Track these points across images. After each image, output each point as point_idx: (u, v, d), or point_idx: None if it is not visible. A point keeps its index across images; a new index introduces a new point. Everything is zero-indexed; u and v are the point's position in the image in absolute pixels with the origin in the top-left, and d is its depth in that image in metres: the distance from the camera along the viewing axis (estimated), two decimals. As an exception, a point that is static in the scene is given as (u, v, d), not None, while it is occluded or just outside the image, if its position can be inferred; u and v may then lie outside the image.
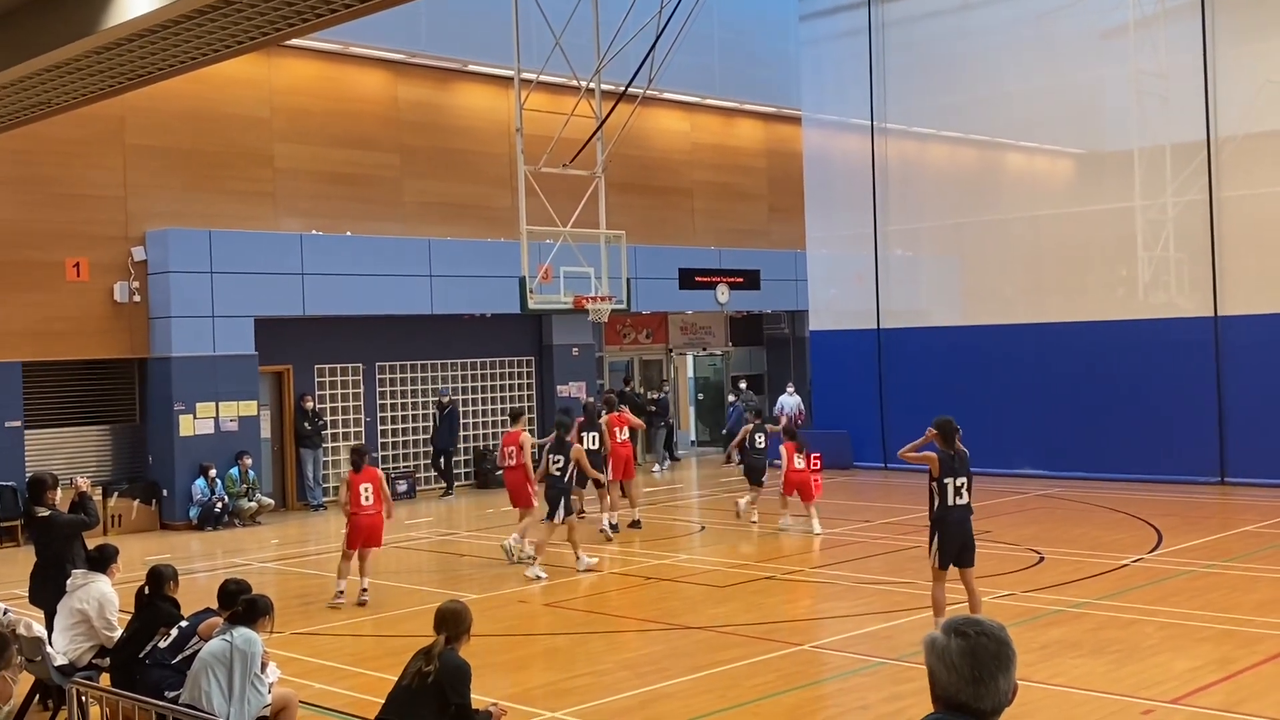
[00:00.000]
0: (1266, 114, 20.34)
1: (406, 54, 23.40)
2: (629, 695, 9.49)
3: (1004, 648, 3.19)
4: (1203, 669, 9.62)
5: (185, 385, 20.06)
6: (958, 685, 3.17)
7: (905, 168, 25.05)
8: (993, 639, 3.19)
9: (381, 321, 22.88)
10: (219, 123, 21.31)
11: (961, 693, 3.17)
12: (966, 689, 3.16)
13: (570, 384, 25.69)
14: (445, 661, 6.81)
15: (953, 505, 10.67)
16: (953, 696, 3.19)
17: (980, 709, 3.17)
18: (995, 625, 3.24)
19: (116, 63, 10.90)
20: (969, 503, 10.74)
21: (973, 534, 10.85)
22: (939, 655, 3.22)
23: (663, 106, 27.65)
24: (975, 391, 23.02)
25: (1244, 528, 16.32)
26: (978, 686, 3.16)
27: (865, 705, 9.23)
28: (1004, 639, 3.21)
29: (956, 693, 3.18)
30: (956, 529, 10.67)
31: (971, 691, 3.16)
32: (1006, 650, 3.19)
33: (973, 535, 10.85)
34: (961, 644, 3.18)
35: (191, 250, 20.17)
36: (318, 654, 11.14)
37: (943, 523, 10.70)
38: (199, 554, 17.63)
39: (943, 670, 3.20)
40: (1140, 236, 21.65)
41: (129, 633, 8.68)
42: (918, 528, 17.02)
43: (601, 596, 13.48)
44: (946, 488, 10.65)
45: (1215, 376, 20.60)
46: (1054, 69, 22.74)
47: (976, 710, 3.17)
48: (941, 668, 3.21)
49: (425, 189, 23.97)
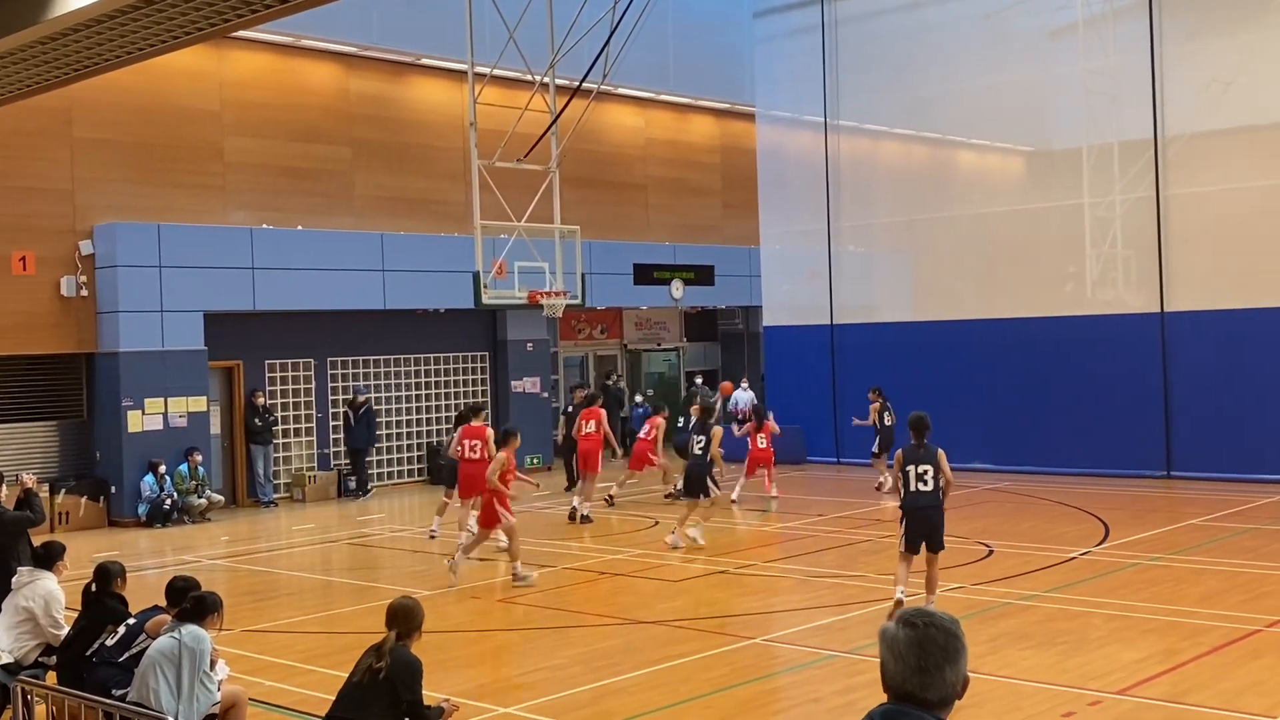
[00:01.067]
0: (1213, 113, 20.62)
1: (358, 47, 23.23)
2: (582, 690, 9.49)
3: (952, 640, 3.20)
4: (1149, 660, 9.75)
5: (134, 381, 19.83)
6: (905, 675, 3.19)
7: (858, 164, 25.20)
8: (941, 631, 3.21)
9: (333, 316, 22.72)
10: (168, 115, 21.07)
11: (908, 682, 3.19)
12: (913, 679, 3.18)
13: (525, 379, 25.64)
14: (396, 658, 6.77)
15: (915, 491, 11.24)
16: (900, 686, 3.20)
17: (927, 699, 3.18)
18: (946, 618, 3.25)
19: (61, 54, 10.74)
20: (934, 490, 11.22)
21: (941, 522, 11.30)
22: (889, 645, 3.24)
23: (617, 102, 27.65)
24: (926, 386, 23.15)
25: (1189, 521, 16.56)
26: (924, 677, 3.17)
27: (817, 698, 9.29)
28: (953, 631, 3.22)
29: (904, 682, 3.19)
30: (920, 514, 11.18)
31: (918, 681, 3.18)
32: (955, 643, 3.21)
33: (941, 523, 11.29)
34: (910, 634, 3.20)
35: (140, 244, 19.93)
36: (268, 651, 11.05)
37: (908, 509, 11.28)
38: (148, 551, 17.44)
39: (891, 660, 3.22)
40: (1088, 233, 21.90)
41: (76, 630, 8.58)
42: (869, 521, 17.16)
43: (555, 592, 13.47)
44: (909, 475, 11.27)
45: (1161, 372, 20.89)
46: (1004, 67, 22.94)
47: (923, 700, 3.18)
48: (890, 657, 3.23)
49: (378, 183, 23.82)
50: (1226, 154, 20.56)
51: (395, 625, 6.91)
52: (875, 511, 18.11)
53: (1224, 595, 11.94)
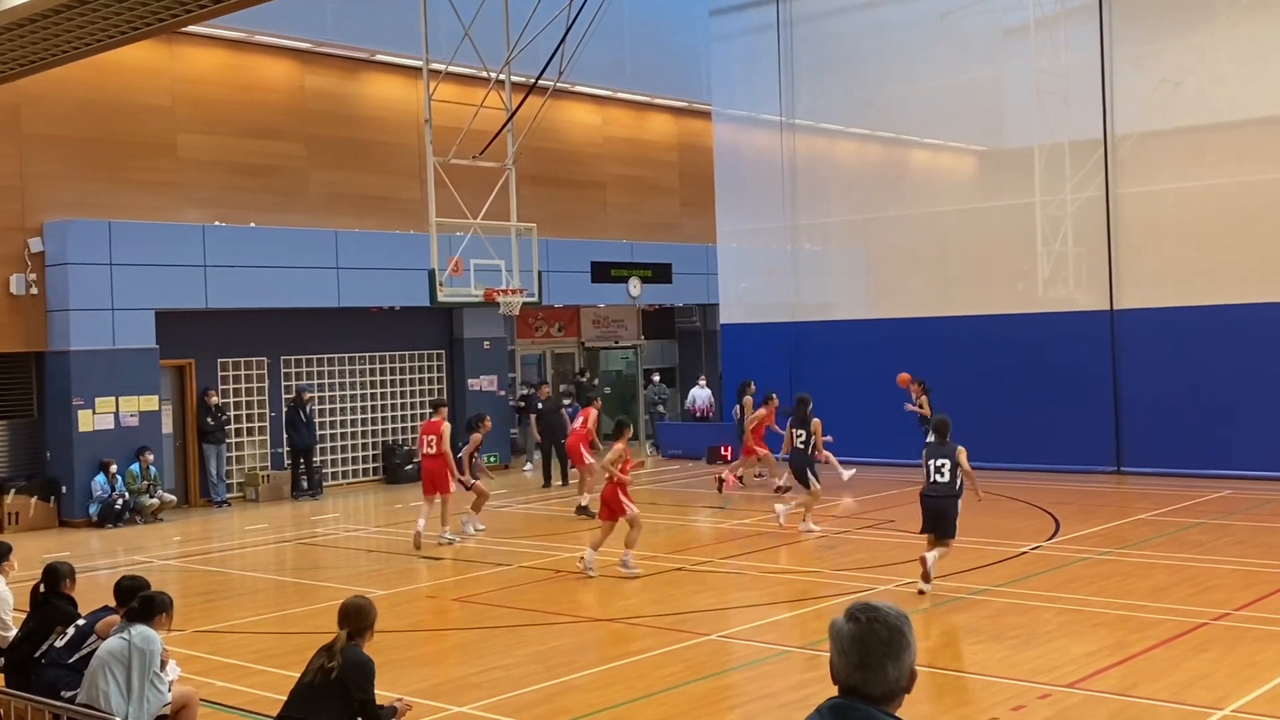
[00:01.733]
0: (1161, 113, 20.89)
1: (313, 43, 23.09)
2: (537, 688, 9.49)
3: (896, 635, 3.16)
4: (1098, 653, 9.87)
5: (84, 380, 19.61)
6: (848, 670, 3.18)
7: (814, 163, 25.32)
8: (885, 626, 3.17)
9: (287, 314, 22.55)
10: (119, 112, 20.85)
11: (851, 677, 3.17)
12: (856, 674, 3.16)
13: (482, 378, 25.58)
14: (348, 657, 6.75)
15: (933, 482, 12.46)
16: (844, 681, 3.19)
17: (870, 694, 3.15)
18: (893, 613, 3.21)
19: (8, 49, 10.61)
20: (949, 481, 12.35)
21: (953, 511, 12.37)
22: (834, 639, 3.22)
23: (574, 99, 27.62)
24: (881, 383, 23.32)
25: (1138, 516, 16.77)
26: (866, 672, 3.15)
27: (771, 693, 9.34)
28: (898, 627, 3.18)
29: (847, 677, 3.18)
30: (932, 501, 12.43)
31: (860, 677, 3.16)
32: (899, 639, 3.17)
33: (952, 512, 12.37)
34: (853, 629, 3.18)
35: (91, 242, 19.70)
36: (220, 652, 10.97)
37: (924, 497, 12.56)
38: (99, 552, 17.26)
39: (836, 655, 3.21)
40: (1040, 232, 22.12)
41: (24, 632, 8.47)
42: (823, 517, 17.24)
43: (511, 590, 13.45)
44: (929, 468, 12.51)
45: (1111, 369, 21.15)
46: (957, 67, 23.13)
47: (866, 695, 3.16)
48: (836, 652, 3.21)
49: (332, 180, 23.67)
50: (1175, 153, 20.83)
51: (347, 624, 6.88)
52: (831, 507, 18.20)
53: (1172, 589, 12.10)
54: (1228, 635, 10.30)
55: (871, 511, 17.76)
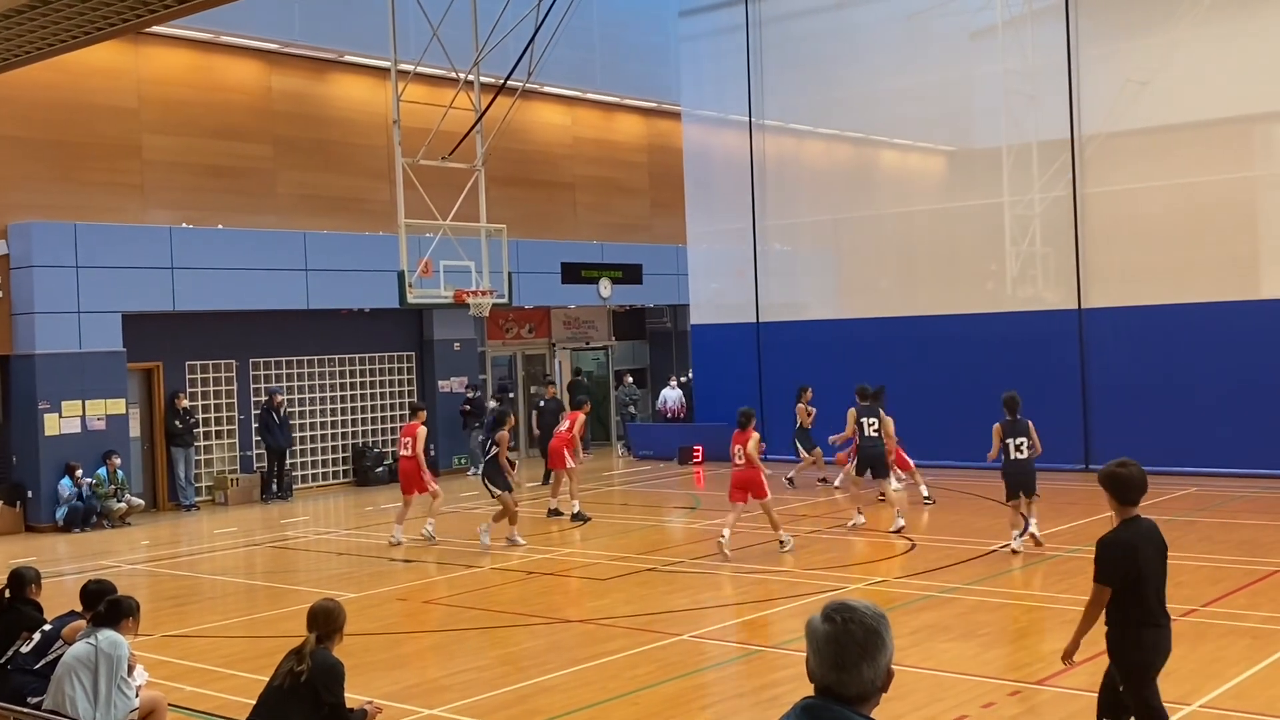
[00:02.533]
0: (1128, 113, 21.05)
1: (280, 44, 22.96)
2: (509, 690, 9.47)
3: (872, 636, 3.14)
4: (1066, 650, 9.90)
5: (50, 383, 19.43)
6: (823, 670, 3.16)
7: (783, 164, 25.38)
8: (861, 627, 3.14)
9: (255, 317, 22.41)
10: (84, 113, 20.67)
11: (826, 677, 3.15)
12: (830, 674, 3.14)
13: (452, 379, 25.51)
14: (317, 660, 6.71)
15: (1013, 459, 14.01)
16: (820, 681, 3.17)
17: (845, 694, 3.14)
18: (871, 614, 3.17)
19: (-30, 49, 10.48)
20: (1028, 456, 14.08)
21: (1034, 475, 14.23)
22: (810, 639, 3.20)
23: (543, 100, 27.59)
24: (851, 383, 23.29)
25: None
26: (841, 673, 3.13)
27: (742, 693, 9.35)
28: (874, 628, 3.15)
29: (822, 677, 3.16)
30: (1017, 474, 14.04)
31: (835, 677, 3.14)
32: (875, 639, 3.14)
33: (1034, 475, 14.22)
34: (829, 630, 3.15)
35: (56, 244, 19.53)
36: (189, 656, 10.89)
37: (1006, 471, 14.11)
38: (66, 556, 17.10)
39: (812, 655, 3.19)
40: (1008, 231, 22.25)
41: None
42: (795, 518, 17.29)
43: (482, 592, 13.41)
44: (1009, 446, 14.03)
45: (1079, 367, 21.29)
46: (925, 68, 23.24)
47: (840, 696, 3.14)
48: (811, 651, 3.19)
49: (300, 181, 23.55)
50: (1142, 153, 20.99)
51: (316, 627, 6.85)
52: (798, 508, 18.24)
53: (1140, 585, 12.16)
54: (1194, 631, 10.37)
55: (842, 510, 17.80)
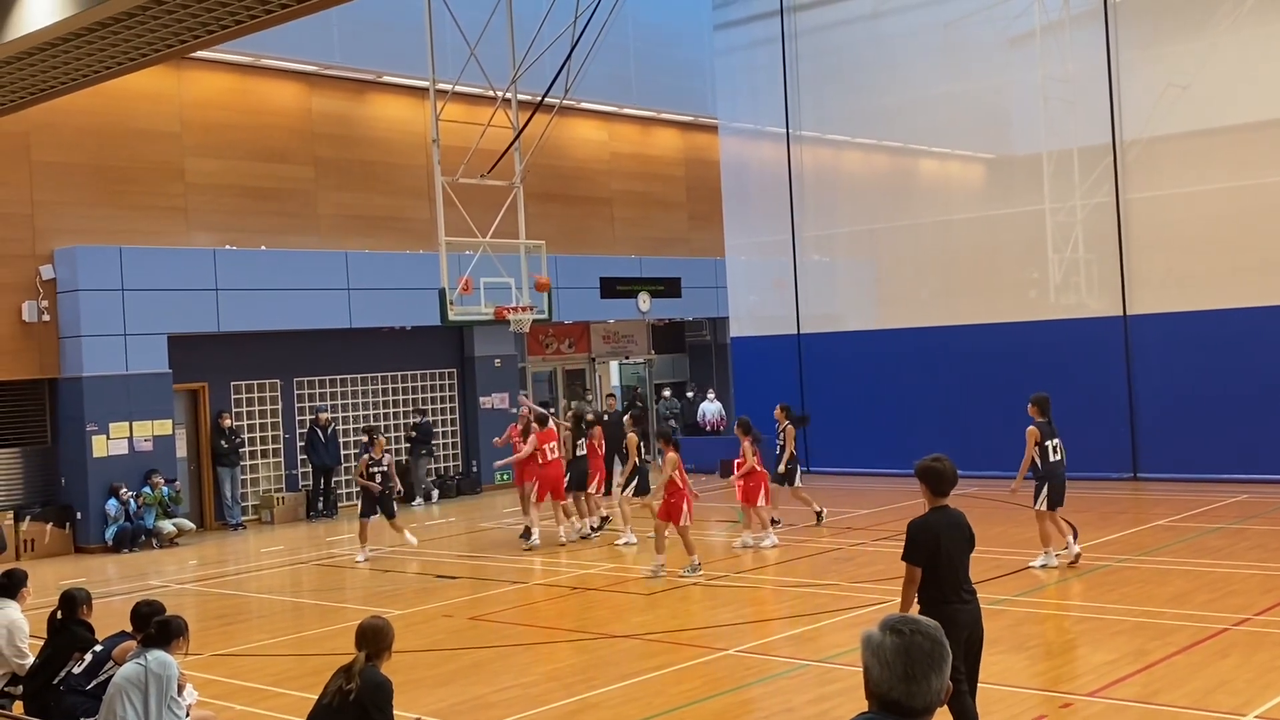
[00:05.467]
0: (1169, 117, 20.84)
1: (320, 66, 23.17)
2: (555, 706, 9.46)
3: (938, 647, 3.21)
4: (1119, 661, 9.80)
5: (97, 405, 19.66)
6: (891, 682, 3.18)
7: (820, 174, 25.32)
8: (927, 638, 3.21)
9: (299, 336, 22.60)
10: (127, 138, 20.94)
11: (894, 690, 3.17)
12: (899, 686, 3.17)
13: (493, 395, 25.59)
14: (366, 679, 6.73)
15: (1054, 461, 13.52)
16: (886, 694, 3.19)
17: (912, 707, 3.17)
18: (931, 625, 3.25)
19: (18, 77, 10.67)
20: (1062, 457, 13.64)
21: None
22: (874, 651, 3.23)
23: (580, 116, 27.69)
24: (892, 393, 23.34)
25: (1156, 522, 16.68)
26: (910, 684, 3.16)
27: (790, 708, 9.29)
28: (938, 639, 3.22)
29: (889, 690, 3.18)
30: (1060, 479, 13.53)
31: (904, 689, 3.17)
32: (940, 650, 3.21)
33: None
34: (897, 641, 3.20)
35: (101, 268, 19.79)
36: (238, 675, 10.96)
37: (1051, 475, 13.49)
38: (116, 577, 17.27)
39: (877, 667, 3.21)
40: (1050, 239, 22.08)
41: (42, 659, 8.48)
42: (840, 530, 17.21)
43: (527, 608, 13.42)
44: (1048, 449, 13.54)
45: (1125, 374, 21.07)
46: (963, 75, 23.12)
47: (908, 709, 3.17)
48: (876, 664, 3.22)
49: (341, 202, 23.74)
50: (1184, 157, 20.78)
51: (365, 646, 6.87)
52: (844, 520, 18.15)
53: (1192, 595, 12.03)
54: (1249, 640, 10.23)
55: (887, 523, 17.69)
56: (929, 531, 7.65)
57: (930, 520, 7.71)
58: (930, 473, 7.74)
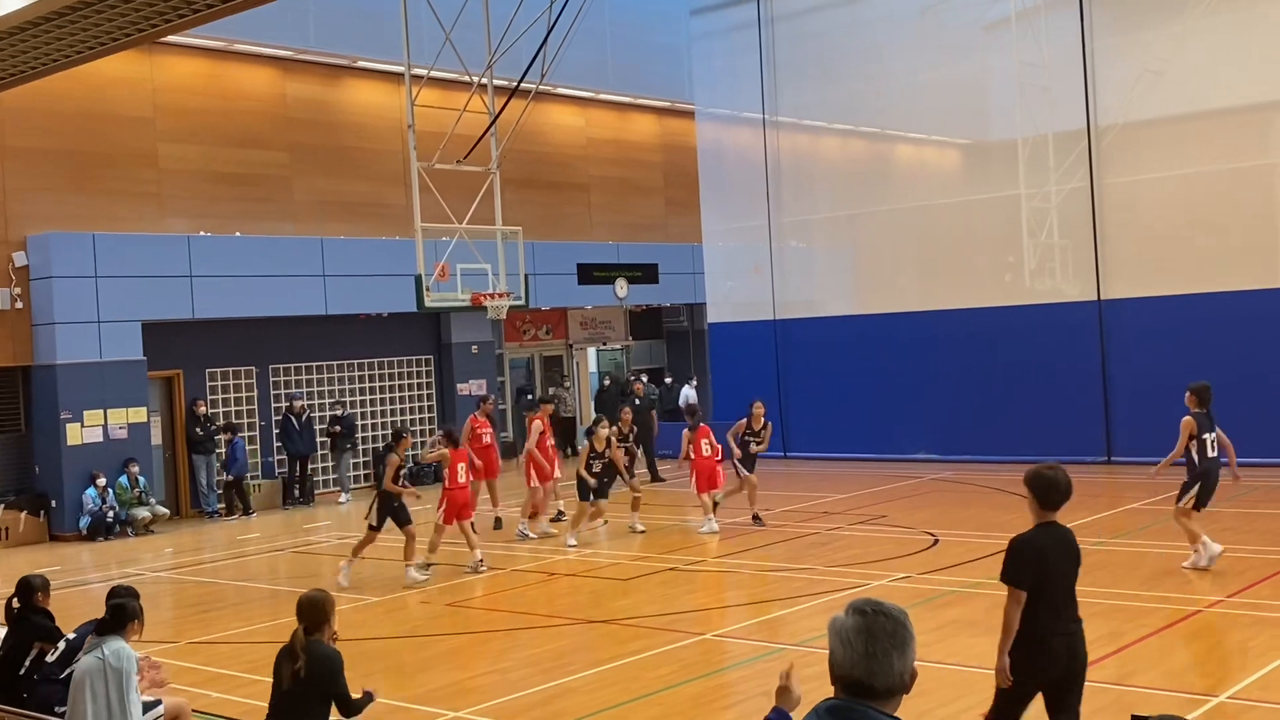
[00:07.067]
0: (1144, 103, 20.93)
1: (294, 51, 23.03)
2: (533, 692, 9.47)
3: (900, 628, 3.23)
4: (1093, 643, 9.74)
5: (72, 393, 19.54)
6: (853, 661, 3.21)
7: (798, 160, 25.34)
8: (890, 619, 3.24)
9: (274, 323, 22.49)
10: (100, 123, 20.77)
11: (856, 668, 3.20)
12: (861, 665, 3.19)
13: (470, 382, 25.54)
14: (312, 653, 6.67)
15: (1211, 457, 12.53)
16: (848, 674, 3.22)
17: (874, 687, 3.19)
18: (894, 608, 3.28)
19: (-12, 61, 10.55)
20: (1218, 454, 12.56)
21: None
22: (837, 632, 3.26)
23: (557, 102, 27.61)
24: (870, 379, 23.42)
25: (1130, 505, 16.80)
26: (871, 663, 3.19)
27: (766, 692, 9.27)
28: (901, 620, 3.25)
29: (851, 669, 3.21)
30: (1214, 476, 12.46)
31: (865, 668, 3.19)
32: (903, 631, 3.23)
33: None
34: (858, 621, 3.23)
35: (75, 254, 19.64)
36: (213, 662, 10.93)
37: (1206, 474, 12.43)
38: (91, 565, 17.19)
39: (839, 647, 3.24)
40: (1026, 224, 22.16)
41: (5, 649, 8.40)
42: (816, 514, 17.26)
43: (505, 594, 13.43)
44: (1206, 442, 12.52)
45: (1100, 359, 21.19)
46: (939, 61, 23.16)
47: (870, 688, 3.19)
48: (838, 644, 3.25)
49: (316, 187, 23.62)
50: (1159, 143, 20.87)
51: (303, 619, 6.80)
52: (820, 504, 18.20)
53: (1165, 578, 12.13)
54: (1221, 622, 10.33)
55: (864, 507, 17.76)
56: (1033, 549, 6.55)
57: (1035, 537, 6.63)
58: (1041, 482, 6.72)
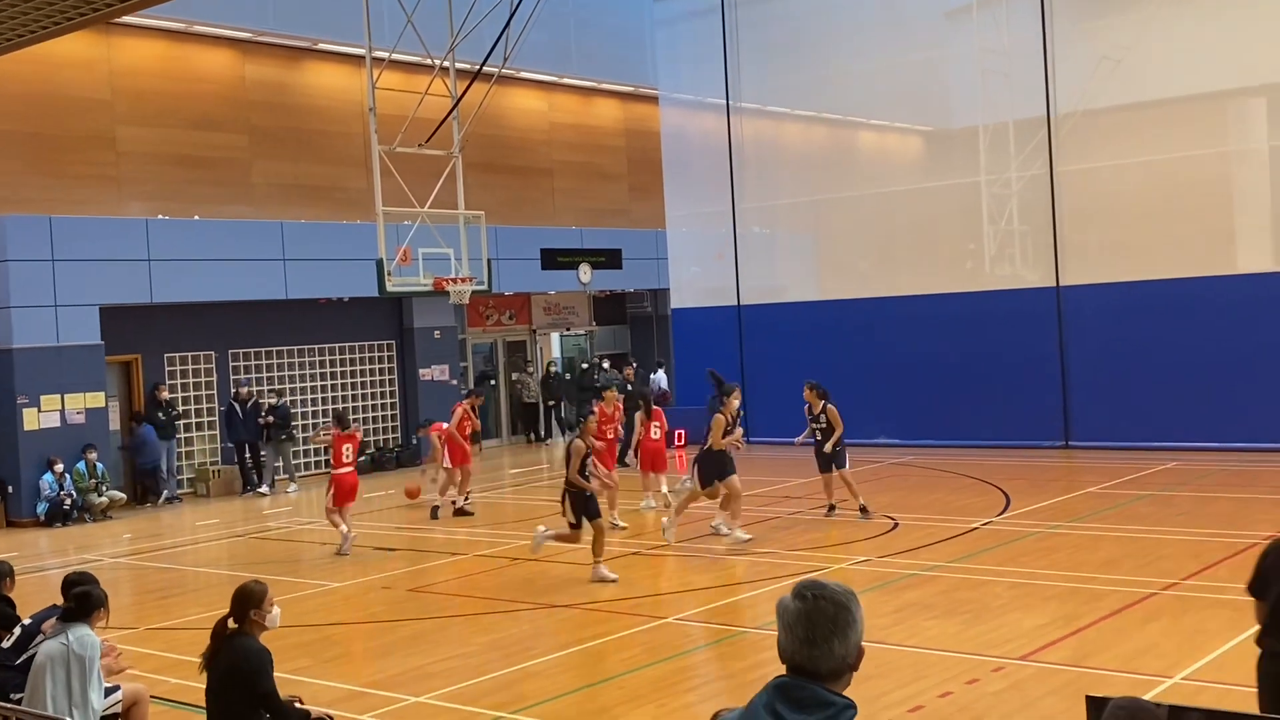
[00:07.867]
0: (1103, 90, 21.10)
1: (253, 32, 22.81)
2: (495, 676, 9.47)
3: (843, 612, 3.18)
4: (1050, 626, 9.99)
5: (28, 377, 19.32)
6: (795, 647, 3.19)
7: (761, 146, 25.38)
8: (831, 603, 3.18)
9: (234, 308, 22.31)
10: (57, 105, 20.52)
11: (797, 654, 3.18)
12: (802, 650, 3.17)
13: (433, 367, 25.45)
14: (237, 650, 6.55)
15: None
16: (791, 658, 3.20)
17: (817, 670, 3.17)
18: (840, 591, 3.22)
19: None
20: None
21: None
22: (780, 617, 3.23)
23: (520, 86, 27.50)
24: (832, 364, 23.43)
25: (1087, 489, 16.98)
26: (812, 649, 3.16)
27: (729, 674, 9.38)
28: (844, 604, 3.19)
29: (794, 654, 3.19)
30: None
31: (806, 653, 3.17)
32: (845, 615, 3.18)
33: None
34: (799, 607, 3.19)
35: (31, 237, 19.39)
36: (173, 649, 10.86)
37: None
38: (48, 551, 17.03)
39: (783, 632, 3.22)
40: (986, 210, 22.32)
41: (-34, 636, 8.32)
42: (777, 499, 17.34)
43: (467, 579, 13.42)
44: None
45: (1058, 344, 21.39)
46: (901, 48, 23.24)
47: (813, 672, 3.17)
48: (782, 629, 3.22)
49: (276, 170, 23.43)
50: (1117, 130, 21.06)
51: (231, 611, 6.70)
52: (781, 489, 18.29)
53: (1121, 561, 12.27)
54: (1176, 605, 10.46)
55: (821, 491, 17.83)
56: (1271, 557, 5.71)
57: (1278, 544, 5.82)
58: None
